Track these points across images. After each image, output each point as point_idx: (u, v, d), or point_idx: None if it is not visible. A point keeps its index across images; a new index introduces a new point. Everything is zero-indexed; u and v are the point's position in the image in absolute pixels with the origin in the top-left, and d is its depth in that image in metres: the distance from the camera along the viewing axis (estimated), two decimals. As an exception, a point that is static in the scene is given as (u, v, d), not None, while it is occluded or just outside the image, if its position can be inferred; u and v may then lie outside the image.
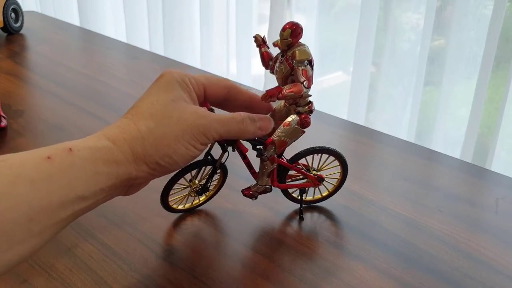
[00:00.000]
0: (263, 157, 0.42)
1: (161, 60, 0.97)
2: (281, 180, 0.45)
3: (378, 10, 1.16)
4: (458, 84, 1.10)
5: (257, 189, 0.44)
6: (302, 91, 0.39)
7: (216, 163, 0.43)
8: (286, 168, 0.45)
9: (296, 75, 0.40)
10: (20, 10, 1.08)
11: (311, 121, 0.42)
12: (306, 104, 0.42)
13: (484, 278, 0.40)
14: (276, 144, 0.42)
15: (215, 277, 0.39)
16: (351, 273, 0.40)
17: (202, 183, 0.45)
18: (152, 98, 0.38)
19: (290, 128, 0.42)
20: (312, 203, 0.49)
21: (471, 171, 0.58)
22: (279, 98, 0.39)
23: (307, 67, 0.40)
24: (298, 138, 0.43)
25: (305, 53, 0.40)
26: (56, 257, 0.41)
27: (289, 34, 0.40)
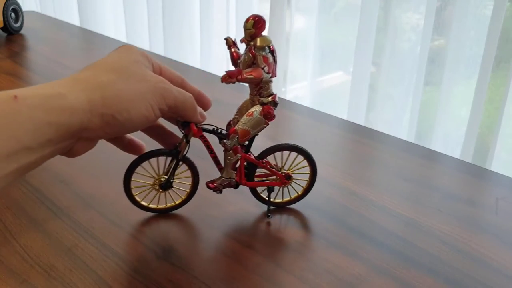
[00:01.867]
0: (226, 146, 0.43)
1: (161, 60, 0.97)
2: (249, 178, 0.45)
3: (378, 10, 1.16)
4: (458, 84, 1.10)
5: (221, 181, 0.44)
6: (261, 75, 0.40)
7: (179, 154, 0.43)
8: (254, 166, 0.45)
9: (256, 61, 0.41)
10: (20, 10, 1.08)
11: (275, 114, 0.43)
12: (269, 95, 0.42)
13: (484, 278, 0.40)
14: (239, 133, 0.42)
15: (215, 277, 0.39)
16: (351, 273, 0.40)
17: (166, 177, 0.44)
18: (114, 57, 0.38)
19: (252, 118, 0.42)
20: (281, 205, 0.48)
21: (471, 171, 0.58)
22: (238, 80, 0.40)
23: (268, 54, 0.41)
24: (262, 130, 0.43)
25: (266, 40, 0.41)
26: (56, 257, 0.41)
27: (252, 25, 0.40)
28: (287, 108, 0.75)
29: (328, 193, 0.51)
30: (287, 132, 0.68)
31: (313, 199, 0.50)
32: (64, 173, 0.50)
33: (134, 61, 0.37)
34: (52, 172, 0.42)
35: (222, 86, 0.82)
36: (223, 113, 0.70)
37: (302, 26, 1.38)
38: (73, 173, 0.52)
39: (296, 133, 0.68)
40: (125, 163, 0.43)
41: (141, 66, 0.38)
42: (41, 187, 0.50)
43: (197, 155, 0.45)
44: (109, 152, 0.57)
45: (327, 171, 0.55)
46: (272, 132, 0.67)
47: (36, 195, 0.49)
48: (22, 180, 0.51)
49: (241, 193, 0.48)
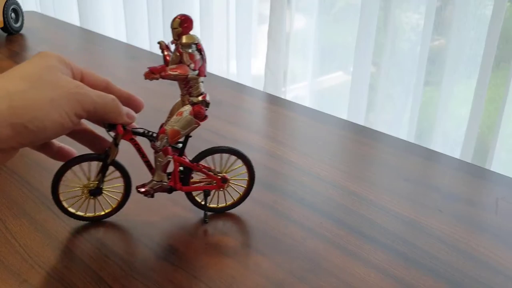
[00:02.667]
0: (156, 148, 0.41)
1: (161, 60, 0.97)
2: (184, 182, 0.44)
3: (378, 10, 1.16)
4: (458, 84, 1.10)
5: (152, 185, 0.43)
6: (187, 72, 0.40)
7: (108, 159, 0.41)
8: (189, 170, 0.43)
9: (182, 58, 0.40)
10: (20, 10, 1.08)
11: (206, 114, 0.42)
12: (199, 94, 0.42)
13: (484, 278, 0.40)
14: (168, 134, 0.41)
15: (215, 276, 0.39)
16: (351, 273, 0.40)
17: (96, 183, 0.43)
18: (27, 64, 0.37)
19: (182, 118, 0.41)
20: (218, 211, 0.47)
21: (471, 171, 0.58)
22: (162, 76, 0.39)
23: (195, 52, 0.40)
24: (193, 130, 0.42)
25: (191, 37, 0.40)
26: (56, 257, 0.41)
27: (178, 23, 0.40)
28: (287, 108, 0.75)
29: (328, 193, 0.51)
30: (287, 132, 0.68)
31: (313, 198, 0.50)
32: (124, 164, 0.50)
33: (47, 67, 0.36)
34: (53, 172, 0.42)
35: (223, 86, 0.82)
36: (223, 114, 0.71)
37: (302, 26, 1.38)
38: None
39: (296, 133, 0.68)
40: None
41: (55, 72, 0.37)
42: (41, 187, 0.50)
43: (131, 160, 0.43)
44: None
45: (327, 171, 0.55)
46: (272, 132, 0.67)
47: (36, 195, 0.49)
48: (22, 180, 0.51)
49: (241, 193, 0.48)
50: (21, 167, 0.53)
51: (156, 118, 0.69)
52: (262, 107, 0.76)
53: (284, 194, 0.51)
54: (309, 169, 0.56)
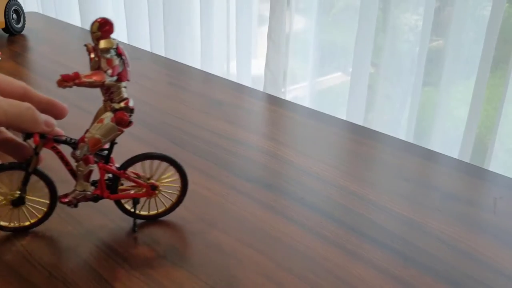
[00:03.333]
0: (76, 156, 0.40)
1: (161, 61, 0.98)
2: (112, 190, 0.42)
3: (377, 11, 1.16)
4: (456, 84, 1.11)
5: (75, 195, 0.41)
6: (103, 79, 0.38)
7: (29, 167, 0.40)
8: (117, 177, 0.42)
9: (100, 64, 0.39)
10: (22, 11, 1.08)
11: (131, 120, 0.40)
12: (121, 100, 0.40)
13: (483, 277, 0.41)
14: (88, 142, 0.40)
15: (216, 275, 0.40)
16: (350, 272, 0.41)
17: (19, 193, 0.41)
18: None
19: (103, 125, 0.40)
20: (148, 218, 0.45)
21: (470, 171, 0.59)
22: (76, 84, 0.37)
23: (114, 57, 0.39)
24: (117, 137, 0.41)
25: (109, 42, 0.39)
26: (57, 256, 0.41)
27: (97, 27, 0.39)
28: (287, 108, 0.76)
29: (328, 192, 0.52)
30: (287, 132, 0.68)
31: (312, 198, 0.50)
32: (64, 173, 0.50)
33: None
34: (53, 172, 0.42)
35: (223, 86, 0.83)
36: (223, 114, 0.71)
37: (301, 27, 1.39)
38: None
39: (295, 133, 0.69)
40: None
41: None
42: (43, 187, 0.50)
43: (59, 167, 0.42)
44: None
45: (327, 171, 0.56)
46: (272, 132, 0.67)
47: (38, 195, 0.49)
48: (24, 180, 0.51)
49: (239, 192, 0.48)
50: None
51: (157, 118, 0.69)
52: (262, 108, 0.76)
53: (284, 194, 0.51)
54: (309, 169, 0.56)
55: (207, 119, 0.68)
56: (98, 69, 0.39)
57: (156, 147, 0.59)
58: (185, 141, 0.61)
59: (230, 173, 0.55)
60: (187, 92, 0.78)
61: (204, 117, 0.69)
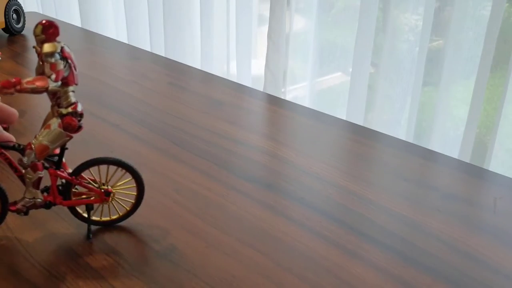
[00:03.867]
0: (23, 164, 0.39)
1: (161, 61, 0.98)
2: (65, 196, 0.41)
3: (377, 11, 1.16)
4: (456, 84, 1.11)
5: (24, 203, 0.40)
6: (46, 85, 0.36)
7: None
8: (70, 183, 0.41)
9: (43, 69, 0.37)
10: (22, 11, 1.08)
11: (80, 124, 0.39)
12: (68, 104, 0.39)
13: (482, 277, 0.41)
14: (35, 149, 0.38)
15: (216, 276, 0.40)
16: (350, 272, 0.41)
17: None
18: None
19: (50, 132, 0.38)
20: (103, 224, 0.44)
21: (469, 171, 0.59)
22: (17, 90, 0.36)
23: (58, 61, 0.37)
24: (65, 143, 0.40)
25: (53, 46, 0.38)
26: (57, 256, 0.41)
27: (41, 30, 0.38)
28: (287, 108, 0.76)
29: (328, 192, 0.52)
30: (287, 132, 0.68)
31: (312, 198, 0.50)
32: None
33: None
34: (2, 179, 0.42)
35: (223, 86, 0.83)
36: (223, 114, 0.71)
37: (301, 27, 1.39)
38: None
39: (295, 133, 0.69)
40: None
41: None
42: (43, 187, 0.50)
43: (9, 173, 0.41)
44: (109, 152, 0.57)
45: (326, 171, 0.56)
46: (272, 132, 0.67)
47: (38, 195, 0.49)
48: (24, 180, 0.51)
49: (239, 192, 0.48)
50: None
51: (157, 118, 0.70)
52: (262, 108, 0.76)
53: (284, 194, 0.51)
54: (308, 169, 0.56)
55: (207, 119, 0.68)
56: (42, 74, 0.37)
57: (156, 147, 0.59)
58: (185, 141, 0.61)
59: (230, 173, 0.55)
60: (187, 92, 0.78)
61: (204, 117, 0.69)
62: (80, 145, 0.43)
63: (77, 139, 0.47)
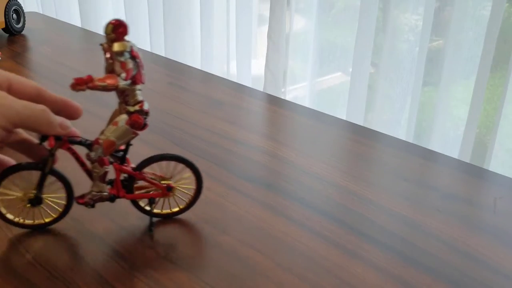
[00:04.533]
0: (91, 158, 0.40)
1: (161, 61, 0.98)
2: (128, 190, 0.43)
3: (377, 11, 1.16)
4: (456, 84, 1.11)
5: (91, 196, 0.42)
6: (116, 83, 0.38)
7: (45, 168, 0.40)
8: (133, 177, 0.42)
9: (114, 67, 0.38)
10: (22, 11, 1.08)
11: (146, 122, 0.40)
12: (136, 103, 0.40)
13: (482, 277, 0.41)
14: (103, 144, 0.40)
15: (216, 276, 0.40)
16: (350, 272, 0.41)
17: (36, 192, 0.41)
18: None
19: (117, 128, 0.40)
20: (164, 217, 0.46)
21: (470, 171, 0.59)
22: (89, 87, 0.37)
23: (128, 60, 0.38)
24: (131, 140, 0.41)
25: (123, 45, 0.38)
26: (57, 256, 0.41)
27: (111, 29, 0.38)
28: (287, 108, 0.76)
29: (328, 192, 0.52)
30: (287, 132, 0.68)
31: (312, 198, 0.50)
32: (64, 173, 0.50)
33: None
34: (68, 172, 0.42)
35: (223, 86, 0.83)
36: (223, 114, 0.71)
37: (301, 27, 1.39)
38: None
39: (295, 133, 0.69)
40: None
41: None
42: (43, 187, 0.50)
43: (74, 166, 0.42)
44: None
45: (326, 171, 0.56)
46: (272, 132, 0.67)
47: (38, 195, 0.49)
48: (24, 180, 0.52)
49: (240, 192, 0.48)
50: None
51: (157, 118, 0.69)
52: (262, 108, 0.76)
53: (284, 194, 0.51)
54: (308, 169, 0.56)
55: (207, 119, 0.68)
56: (112, 72, 0.39)
57: (156, 147, 0.59)
58: (185, 141, 0.61)
59: (230, 173, 0.55)
60: (187, 92, 0.78)
61: (204, 117, 0.69)
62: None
63: (77, 139, 0.47)
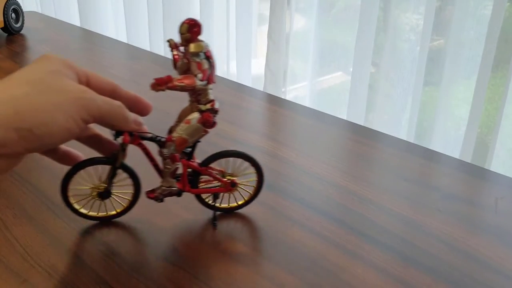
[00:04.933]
0: (163, 155, 0.42)
1: (161, 60, 0.97)
2: (193, 185, 0.44)
3: (378, 11, 1.16)
4: (457, 84, 1.11)
5: (161, 191, 0.43)
6: (194, 83, 0.39)
7: (116, 162, 0.42)
8: (198, 172, 0.44)
9: (190, 68, 0.39)
10: (21, 10, 1.08)
11: (215, 121, 0.41)
12: (207, 101, 0.41)
13: (483, 278, 0.40)
14: (175, 141, 0.41)
15: (215, 276, 0.39)
16: (350, 273, 0.40)
17: (106, 185, 0.43)
18: (29, 69, 0.36)
19: (190, 126, 0.41)
20: (226, 211, 0.47)
21: (471, 171, 0.58)
22: (169, 88, 0.38)
23: (203, 61, 0.39)
24: (201, 137, 0.42)
25: (200, 46, 0.39)
26: (56, 257, 0.41)
27: (186, 29, 0.39)
28: (287, 108, 0.76)
29: (328, 192, 0.52)
30: (287, 132, 0.68)
31: (312, 198, 0.50)
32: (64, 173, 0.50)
33: (51, 72, 0.35)
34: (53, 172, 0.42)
35: (223, 86, 0.82)
36: (223, 114, 0.71)
37: (302, 26, 1.38)
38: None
39: (295, 133, 0.68)
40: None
41: (59, 76, 0.36)
42: (41, 187, 0.50)
43: (142, 161, 0.43)
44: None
45: (327, 171, 0.56)
46: (272, 132, 0.67)
47: (36, 195, 0.49)
48: (22, 180, 0.51)
49: (241, 193, 0.48)
50: (22, 167, 0.53)
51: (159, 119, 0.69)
52: (262, 107, 0.76)
53: (284, 194, 0.51)
54: (309, 169, 0.56)
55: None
56: (187, 72, 0.40)
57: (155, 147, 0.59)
58: (185, 140, 0.61)
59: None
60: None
61: (204, 116, 0.68)
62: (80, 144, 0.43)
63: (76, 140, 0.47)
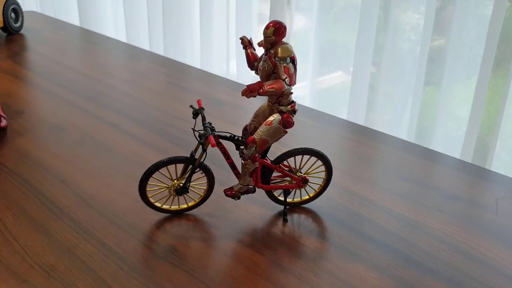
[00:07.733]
0: (244, 155, 0.43)
1: (160, 60, 0.97)
2: (265, 181, 0.45)
3: (378, 10, 1.16)
4: (458, 84, 1.10)
5: (239, 189, 0.44)
6: (283, 87, 0.40)
7: (196, 162, 0.43)
8: (270, 169, 0.45)
9: (278, 72, 0.40)
10: (20, 10, 1.08)
11: (293, 121, 0.42)
12: (288, 103, 0.42)
13: (484, 278, 0.40)
14: (257, 142, 0.42)
15: (215, 277, 0.39)
16: (351, 273, 0.40)
17: (183, 182, 0.45)
18: None
19: (271, 127, 0.42)
20: (296, 205, 0.48)
21: (471, 171, 0.58)
22: (259, 93, 0.39)
23: (289, 65, 0.40)
24: (280, 138, 0.43)
25: (288, 51, 0.40)
26: (56, 257, 0.41)
27: (272, 32, 0.40)
28: (287, 108, 0.75)
29: (328, 193, 0.51)
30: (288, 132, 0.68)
31: (313, 199, 0.50)
32: (64, 173, 0.50)
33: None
34: (52, 172, 0.42)
35: (221, 86, 0.82)
36: (225, 114, 0.71)
37: (302, 26, 1.38)
38: (73, 173, 0.52)
39: (296, 133, 0.68)
40: (124, 163, 0.43)
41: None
42: (41, 187, 0.50)
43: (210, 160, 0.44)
44: (108, 152, 0.57)
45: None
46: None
47: (36, 195, 0.49)
48: (22, 180, 0.51)
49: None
50: (21, 168, 0.53)
51: (157, 118, 0.69)
52: (262, 107, 0.76)
53: (284, 194, 0.51)
54: (309, 169, 0.56)
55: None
56: (272, 75, 0.41)
57: (156, 147, 0.59)
58: (185, 141, 0.61)
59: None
60: (187, 92, 0.78)
61: (204, 116, 0.68)
62: (79, 144, 0.43)
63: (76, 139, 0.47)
